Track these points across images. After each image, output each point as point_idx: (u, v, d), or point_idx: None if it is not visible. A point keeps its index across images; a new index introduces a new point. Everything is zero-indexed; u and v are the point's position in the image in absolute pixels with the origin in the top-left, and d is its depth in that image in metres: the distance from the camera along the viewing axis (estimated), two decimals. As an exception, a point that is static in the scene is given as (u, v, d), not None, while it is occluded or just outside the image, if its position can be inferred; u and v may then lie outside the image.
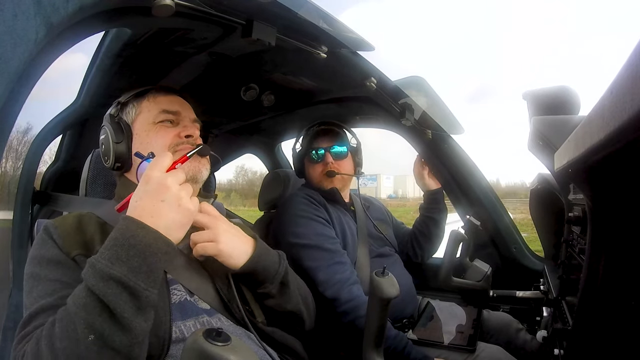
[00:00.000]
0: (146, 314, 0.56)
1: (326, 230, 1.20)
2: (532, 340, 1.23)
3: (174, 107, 0.84)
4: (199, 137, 0.84)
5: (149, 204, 0.60)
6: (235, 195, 33.98)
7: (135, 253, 0.55)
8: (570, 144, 0.44)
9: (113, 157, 0.80)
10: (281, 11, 0.78)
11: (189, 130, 0.82)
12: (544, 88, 0.80)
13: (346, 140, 1.38)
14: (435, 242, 1.51)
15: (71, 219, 0.75)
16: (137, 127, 0.82)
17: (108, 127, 0.82)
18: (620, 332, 0.54)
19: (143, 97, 0.85)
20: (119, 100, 0.86)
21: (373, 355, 0.76)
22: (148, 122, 0.82)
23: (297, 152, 1.41)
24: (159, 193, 0.60)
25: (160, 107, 0.83)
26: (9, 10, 0.48)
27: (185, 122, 0.84)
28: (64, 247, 0.68)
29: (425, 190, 1.52)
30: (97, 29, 0.73)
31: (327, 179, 1.32)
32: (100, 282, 0.53)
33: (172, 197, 0.61)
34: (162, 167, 0.63)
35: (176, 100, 0.86)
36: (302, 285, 0.89)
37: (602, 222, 0.51)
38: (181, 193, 0.62)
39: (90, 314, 0.52)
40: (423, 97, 1.28)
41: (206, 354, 0.40)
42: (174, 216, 0.61)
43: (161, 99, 0.85)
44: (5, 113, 0.51)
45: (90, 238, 0.71)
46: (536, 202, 1.39)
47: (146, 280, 0.56)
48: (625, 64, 0.25)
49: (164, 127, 0.82)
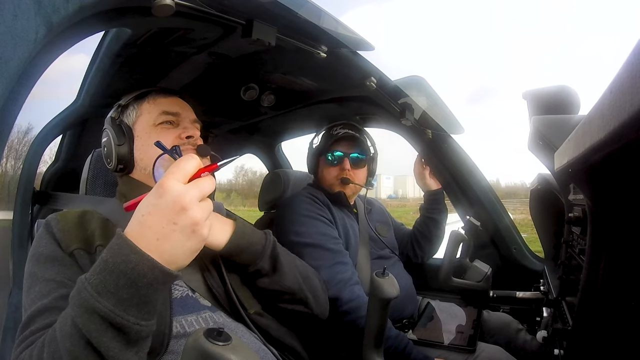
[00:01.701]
0: (138, 346, 0.50)
1: (329, 230, 1.20)
2: (532, 341, 1.23)
3: (174, 109, 0.84)
4: (199, 138, 0.84)
5: (157, 224, 0.49)
6: (235, 195, 33.94)
7: (125, 283, 0.47)
8: (570, 143, 0.44)
9: (116, 159, 0.81)
10: (281, 11, 0.78)
11: (189, 131, 0.82)
12: (543, 88, 0.80)
13: (366, 148, 1.35)
14: (435, 243, 1.51)
15: (73, 214, 0.76)
16: (138, 129, 0.83)
17: (109, 129, 0.83)
18: (620, 332, 0.54)
19: (143, 99, 0.86)
20: (120, 103, 0.86)
21: (373, 356, 0.76)
22: (149, 124, 0.82)
23: (314, 148, 1.38)
24: (172, 213, 0.49)
25: (160, 108, 0.84)
26: (9, 10, 0.48)
27: (186, 123, 0.84)
28: (63, 241, 0.69)
29: (425, 191, 1.52)
30: (97, 29, 0.73)
31: (339, 184, 1.31)
32: (85, 314, 0.46)
33: (187, 221, 0.50)
34: (184, 176, 0.52)
35: (176, 101, 0.87)
36: (302, 265, 0.89)
37: (602, 222, 0.51)
38: (199, 215, 0.50)
39: (75, 346, 0.47)
40: (423, 96, 1.28)
41: (207, 353, 0.40)
42: (185, 243, 0.50)
43: (161, 101, 0.85)
44: (5, 113, 0.51)
45: (90, 233, 0.71)
46: (536, 202, 1.39)
47: (137, 314, 0.48)
48: (625, 64, 0.25)
49: (165, 129, 0.82)
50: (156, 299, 0.50)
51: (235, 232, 0.74)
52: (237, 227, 0.76)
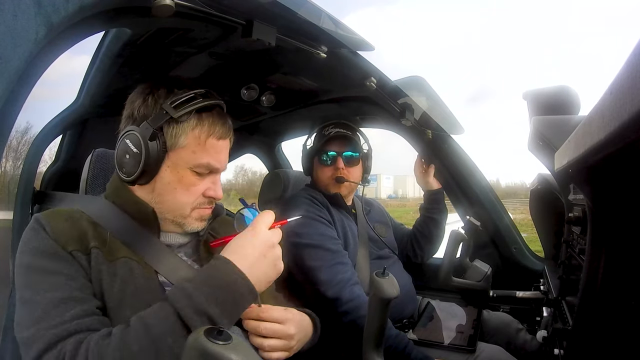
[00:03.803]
0: None
1: (328, 231, 1.20)
2: (532, 340, 1.23)
3: (218, 164, 0.74)
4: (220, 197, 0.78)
5: (251, 255, 0.64)
6: (235, 195, 33.97)
7: (231, 299, 0.61)
8: (570, 144, 0.44)
9: (137, 176, 0.70)
10: (281, 11, 0.78)
11: (216, 191, 0.75)
12: (544, 88, 0.80)
13: (359, 146, 1.35)
14: (435, 243, 1.51)
15: (62, 213, 0.71)
16: (172, 159, 0.71)
17: (142, 140, 0.69)
18: (620, 332, 0.54)
19: (196, 124, 0.71)
20: (171, 113, 0.69)
21: (373, 355, 0.76)
22: (187, 164, 0.71)
23: (308, 149, 1.38)
24: (264, 248, 0.65)
25: (207, 158, 0.72)
26: (9, 10, 0.48)
27: (216, 178, 0.76)
28: (59, 240, 0.66)
29: (426, 190, 1.52)
30: (97, 29, 0.73)
31: (335, 184, 1.31)
32: (195, 315, 0.58)
33: (273, 256, 0.66)
34: (267, 225, 0.67)
35: (224, 149, 0.76)
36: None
37: (602, 222, 0.51)
38: (279, 253, 0.67)
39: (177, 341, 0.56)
40: (423, 97, 1.28)
41: (207, 353, 0.40)
42: (268, 273, 0.66)
43: (212, 145, 0.73)
44: (5, 113, 0.51)
45: (82, 234, 0.68)
46: (536, 202, 1.39)
47: (228, 323, 0.61)
48: (625, 64, 0.25)
49: (197, 179, 0.73)
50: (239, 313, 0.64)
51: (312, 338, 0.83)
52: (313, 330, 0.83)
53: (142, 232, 0.73)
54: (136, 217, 0.74)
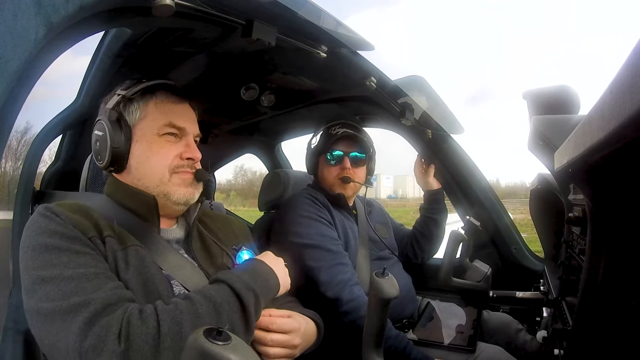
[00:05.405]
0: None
1: (329, 232, 1.20)
2: (532, 341, 1.23)
3: (182, 122, 0.79)
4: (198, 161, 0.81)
5: (274, 265, 0.79)
6: (234, 195, 33.93)
7: (266, 285, 0.74)
8: (570, 143, 0.44)
9: (109, 158, 0.75)
10: (281, 11, 0.78)
11: (191, 152, 0.79)
12: (543, 88, 0.80)
13: (365, 147, 1.34)
14: (435, 243, 1.51)
15: (71, 205, 0.72)
16: (138, 133, 0.77)
17: (106, 124, 0.75)
18: (620, 332, 0.54)
19: (150, 97, 0.78)
20: (123, 94, 0.77)
21: (373, 356, 0.76)
22: (152, 131, 0.77)
23: (313, 148, 1.37)
24: (279, 264, 0.81)
25: (167, 118, 0.77)
26: (9, 10, 0.48)
27: (189, 140, 0.80)
28: (77, 227, 0.66)
29: (426, 190, 1.52)
30: (97, 29, 0.73)
31: (340, 184, 1.30)
32: (244, 289, 0.69)
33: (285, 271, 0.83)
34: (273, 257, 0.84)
35: (185, 111, 0.81)
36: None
37: (602, 222, 0.51)
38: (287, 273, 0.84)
39: (231, 311, 0.66)
40: (423, 96, 1.28)
41: (207, 353, 0.40)
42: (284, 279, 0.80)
43: (170, 107, 0.79)
44: (5, 113, 0.51)
45: (95, 223, 0.69)
46: (536, 202, 1.39)
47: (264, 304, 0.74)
48: (625, 64, 0.25)
49: (167, 143, 0.77)
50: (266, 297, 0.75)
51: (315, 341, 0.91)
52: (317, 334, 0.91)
53: (143, 227, 0.76)
54: (136, 212, 0.76)
